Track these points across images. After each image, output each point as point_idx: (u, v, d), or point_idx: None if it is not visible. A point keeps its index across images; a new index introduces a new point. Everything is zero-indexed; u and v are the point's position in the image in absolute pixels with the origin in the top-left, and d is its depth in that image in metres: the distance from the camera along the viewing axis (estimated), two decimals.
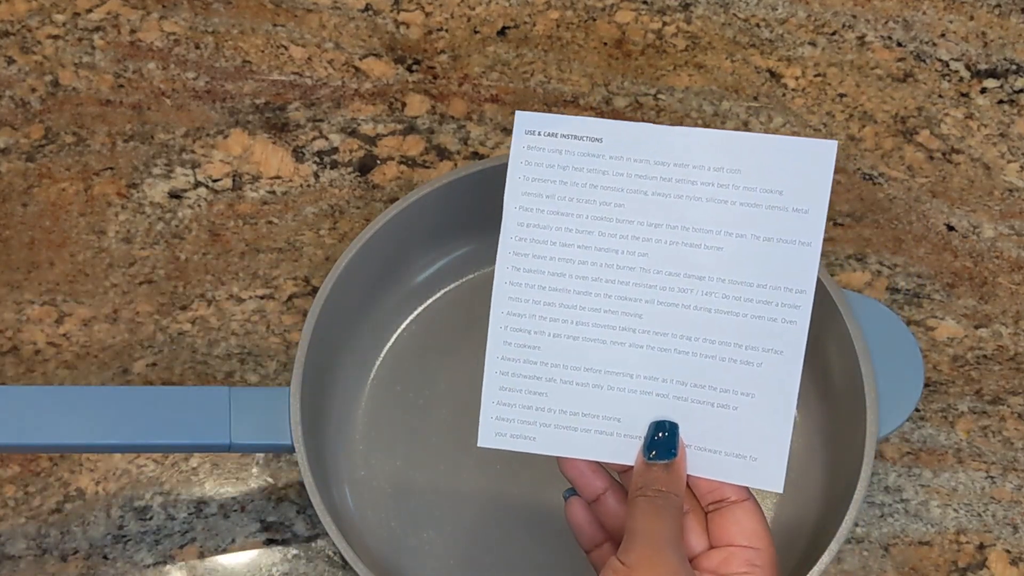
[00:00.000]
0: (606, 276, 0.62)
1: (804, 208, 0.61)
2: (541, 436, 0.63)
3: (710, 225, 0.61)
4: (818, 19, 0.97)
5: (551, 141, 0.63)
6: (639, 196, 0.62)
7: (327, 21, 0.96)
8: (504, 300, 0.63)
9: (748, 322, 0.61)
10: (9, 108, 0.92)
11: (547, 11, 0.97)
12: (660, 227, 0.62)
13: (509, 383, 0.63)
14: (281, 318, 0.86)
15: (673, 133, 0.62)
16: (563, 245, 0.62)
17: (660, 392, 0.62)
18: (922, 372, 0.77)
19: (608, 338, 0.62)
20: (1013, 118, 0.93)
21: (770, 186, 0.61)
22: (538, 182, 0.63)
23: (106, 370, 0.84)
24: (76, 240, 0.88)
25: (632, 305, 0.62)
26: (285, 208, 0.89)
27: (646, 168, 0.62)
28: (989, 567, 0.80)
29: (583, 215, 0.62)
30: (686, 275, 0.61)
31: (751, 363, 0.61)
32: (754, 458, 0.62)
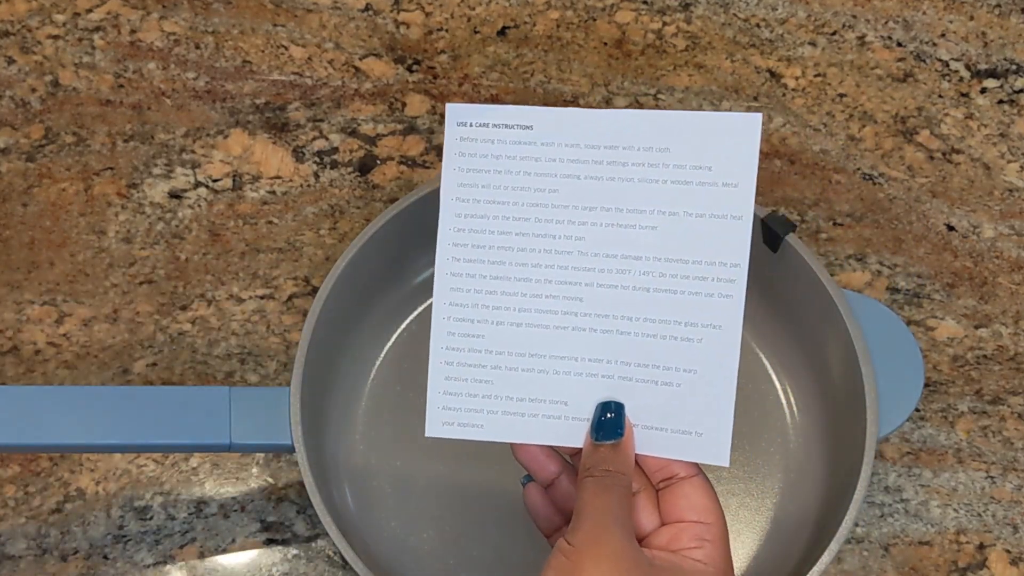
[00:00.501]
0: (545, 261, 0.62)
1: (733, 182, 0.61)
2: (489, 423, 0.63)
3: (643, 205, 0.62)
4: (818, 19, 0.97)
5: (483, 131, 0.63)
6: (573, 180, 0.62)
7: (327, 21, 0.96)
8: (446, 291, 0.63)
9: (686, 299, 0.62)
10: (9, 108, 0.92)
11: (547, 11, 0.97)
12: (595, 210, 0.62)
13: (454, 372, 0.63)
14: (281, 318, 0.86)
15: (602, 116, 0.62)
16: (501, 233, 0.63)
17: (605, 373, 0.62)
18: (922, 372, 0.77)
19: (551, 323, 0.63)
20: (1013, 118, 0.93)
21: (699, 162, 0.61)
22: (472, 172, 0.63)
23: (106, 370, 0.84)
24: (76, 240, 0.88)
25: (573, 289, 0.62)
26: (285, 208, 0.89)
27: (577, 152, 0.62)
28: (989, 567, 0.80)
29: (519, 202, 0.63)
30: (623, 256, 0.62)
31: (691, 339, 0.62)
32: (699, 433, 0.62)
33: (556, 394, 0.63)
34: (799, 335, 0.81)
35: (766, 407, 0.82)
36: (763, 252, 0.79)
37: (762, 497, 0.80)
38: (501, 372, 0.63)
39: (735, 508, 0.79)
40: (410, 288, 0.84)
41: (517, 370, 0.63)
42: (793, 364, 0.82)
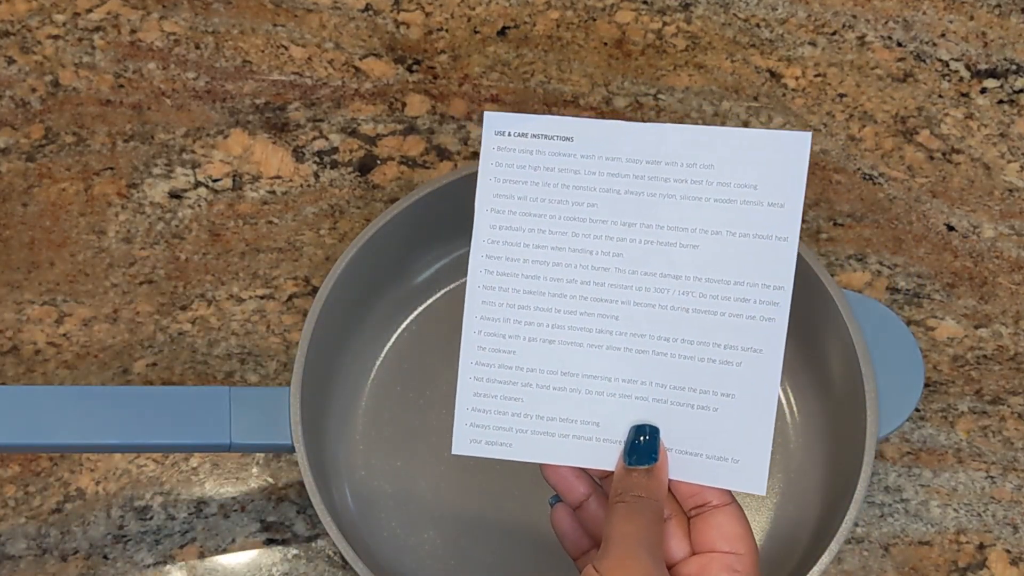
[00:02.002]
0: (581, 277, 0.61)
1: (780, 202, 0.60)
2: (518, 442, 0.62)
3: (685, 223, 0.60)
4: (818, 19, 0.97)
5: (522, 141, 0.62)
6: (612, 195, 0.61)
7: (327, 21, 0.96)
8: (477, 305, 0.62)
9: (726, 321, 0.60)
10: (9, 108, 0.92)
11: (547, 11, 0.97)
12: (634, 226, 0.61)
13: (484, 389, 0.62)
14: (281, 318, 0.86)
15: (644, 130, 0.61)
16: (536, 247, 0.61)
17: (639, 395, 0.61)
18: (922, 372, 0.77)
19: (585, 341, 0.61)
20: (1013, 118, 0.93)
21: (744, 181, 0.60)
22: (509, 183, 0.62)
23: (106, 370, 0.84)
24: (76, 240, 0.88)
25: (608, 307, 0.61)
26: (285, 208, 0.89)
27: (618, 166, 0.61)
28: (989, 567, 0.80)
29: (556, 216, 0.61)
30: (662, 274, 0.60)
31: (730, 363, 0.60)
32: (736, 460, 0.60)
33: (588, 415, 0.61)
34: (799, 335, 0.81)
35: None
36: None
37: (762, 497, 0.80)
38: (532, 390, 0.62)
39: None
40: (410, 288, 0.84)
41: (548, 388, 0.62)
42: (793, 364, 0.82)
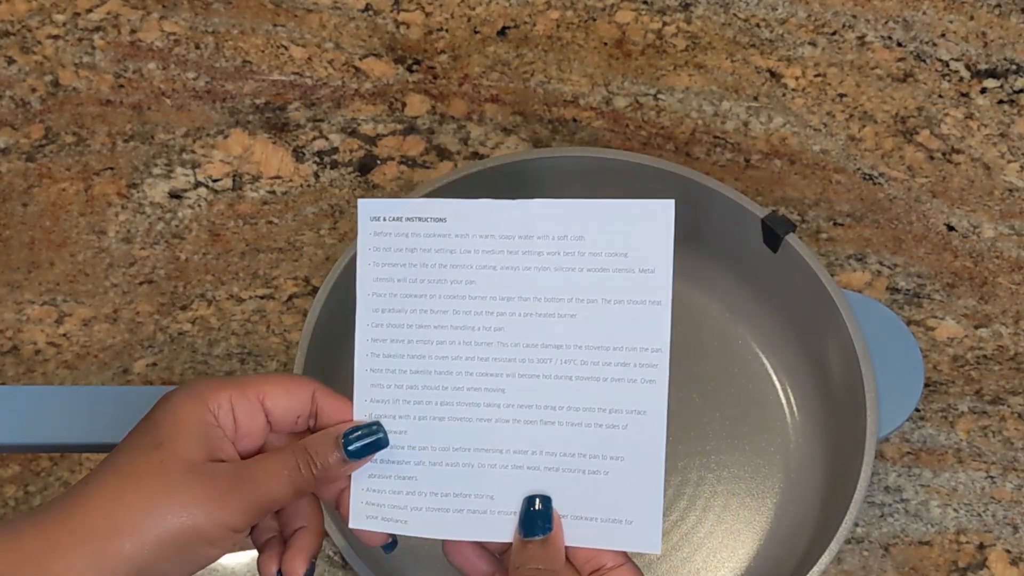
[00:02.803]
0: (465, 354, 0.62)
1: (650, 268, 0.61)
2: (413, 519, 0.62)
3: (561, 293, 0.61)
4: (818, 19, 0.97)
5: (397, 225, 0.62)
6: (488, 271, 0.62)
7: (327, 21, 0.96)
8: (366, 388, 0.62)
9: (609, 386, 0.61)
10: (9, 108, 0.92)
11: (547, 11, 0.97)
12: (513, 300, 0.62)
13: (377, 469, 0.62)
14: (281, 318, 0.86)
15: (513, 207, 0.62)
16: (420, 327, 0.62)
17: (531, 465, 0.62)
18: (922, 372, 0.77)
19: (474, 416, 0.62)
20: (1013, 118, 0.93)
21: (614, 249, 0.61)
22: (388, 266, 0.63)
23: (106, 370, 0.84)
24: (76, 240, 0.88)
25: (494, 380, 0.62)
26: (285, 208, 0.89)
27: (492, 243, 0.62)
28: (989, 567, 0.80)
29: (436, 295, 0.62)
30: (543, 345, 0.61)
31: (616, 426, 0.61)
32: (629, 521, 0.61)
33: (482, 488, 0.62)
34: (799, 335, 0.81)
35: (766, 407, 0.82)
36: (763, 252, 0.79)
37: (762, 497, 0.80)
38: (425, 468, 0.62)
39: (736, 508, 0.80)
40: None
41: (441, 465, 0.62)
42: (793, 364, 0.82)
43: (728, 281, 0.83)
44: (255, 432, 0.60)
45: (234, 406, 0.59)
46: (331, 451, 0.60)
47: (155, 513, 0.55)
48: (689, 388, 0.82)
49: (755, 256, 0.80)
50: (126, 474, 0.56)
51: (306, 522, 0.61)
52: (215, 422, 0.58)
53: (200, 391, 0.59)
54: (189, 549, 0.56)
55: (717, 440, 0.81)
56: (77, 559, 0.54)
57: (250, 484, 0.57)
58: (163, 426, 0.57)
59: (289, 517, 0.62)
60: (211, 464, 0.57)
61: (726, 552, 0.78)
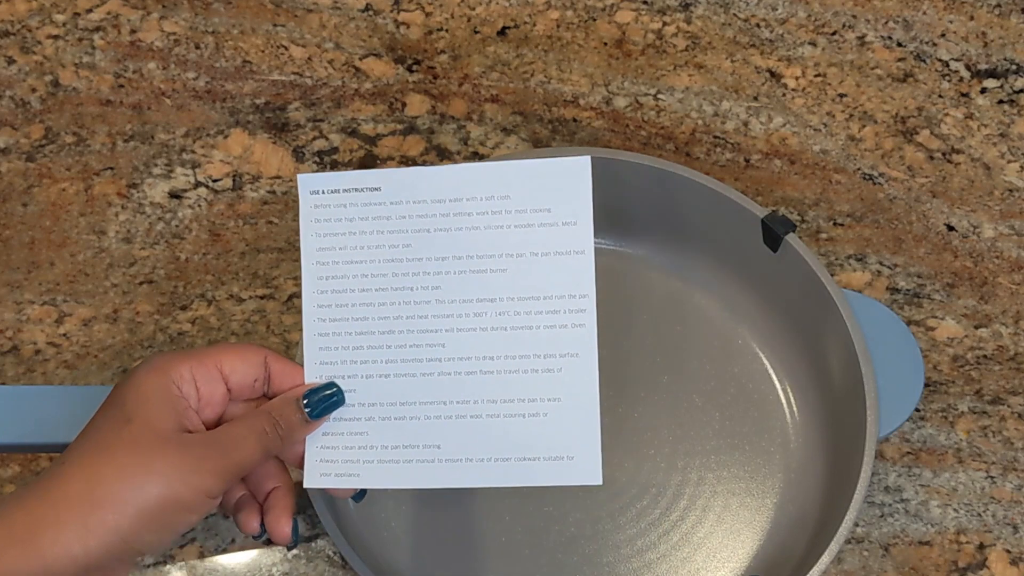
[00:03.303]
0: (406, 313, 0.65)
1: (572, 220, 0.64)
2: (365, 472, 0.66)
3: (492, 250, 0.65)
4: (818, 19, 0.97)
5: (335, 197, 0.66)
6: (423, 234, 0.65)
7: (327, 21, 0.96)
8: (315, 351, 0.66)
9: (542, 333, 0.65)
10: (9, 108, 0.92)
11: (547, 11, 0.97)
12: (447, 259, 0.65)
13: (330, 427, 0.66)
14: (281, 318, 0.86)
15: (443, 171, 0.66)
16: (362, 291, 0.66)
17: (473, 413, 0.65)
18: (922, 372, 0.77)
19: (417, 371, 0.65)
20: (1013, 118, 0.93)
21: (539, 205, 0.65)
22: (329, 236, 0.66)
23: (106, 370, 0.84)
24: (76, 240, 0.88)
25: (434, 336, 0.65)
26: (285, 208, 0.89)
27: (425, 208, 0.65)
28: (989, 567, 0.80)
29: (376, 260, 0.66)
30: (478, 299, 0.65)
31: (552, 370, 0.64)
32: (571, 457, 0.64)
33: (429, 438, 0.65)
34: (799, 335, 0.81)
35: (766, 407, 0.82)
36: (763, 252, 0.79)
37: (763, 496, 0.80)
38: (375, 423, 0.66)
39: (736, 508, 0.80)
40: None
41: (389, 419, 0.65)
42: (793, 364, 0.82)
43: (728, 281, 0.84)
44: (216, 400, 0.63)
45: (195, 376, 0.62)
46: (293, 412, 0.64)
47: (134, 484, 0.58)
48: (689, 388, 0.82)
49: (755, 256, 0.80)
50: (101, 450, 0.58)
51: (278, 482, 0.65)
52: (179, 393, 0.61)
53: (162, 365, 0.62)
54: (169, 517, 0.59)
55: (717, 440, 0.81)
56: (63, 533, 0.56)
57: (222, 450, 0.60)
58: (130, 401, 0.60)
59: (260, 479, 0.65)
60: (182, 435, 0.60)
61: (726, 552, 0.78)
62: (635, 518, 0.79)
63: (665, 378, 0.83)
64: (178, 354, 0.62)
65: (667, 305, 0.85)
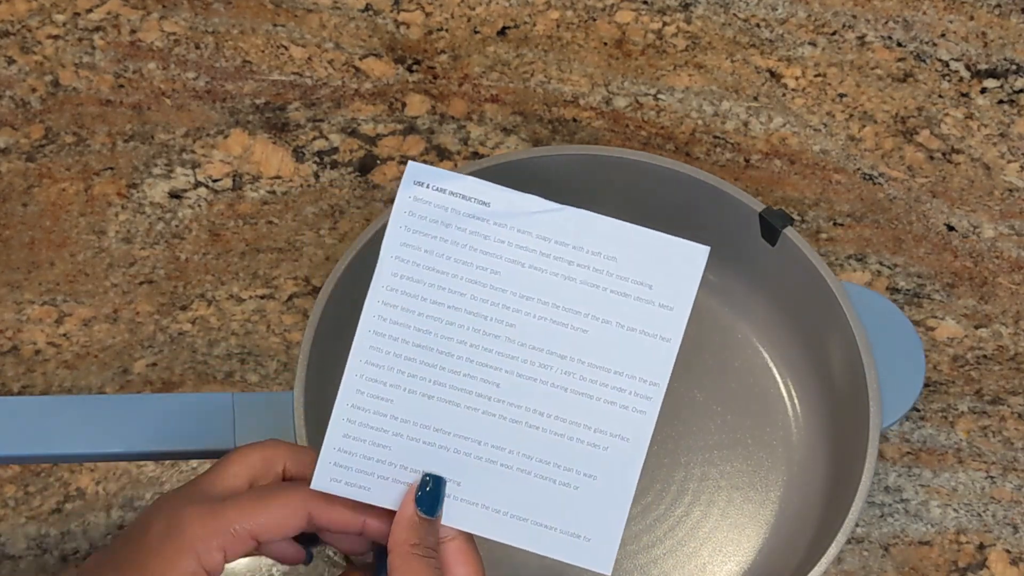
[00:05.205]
0: (471, 340, 0.62)
1: (670, 305, 0.62)
2: (376, 487, 0.62)
3: (580, 307, 0.62)
4: (818, 19, 0.97)
5: (439, 196, 0.62)
6: (516, 266, 0.62)
7: (327, 21, 0.96)
8: (365, 348, 0.62)
9: (600, 406, 0.62)
10: (9, 108, 0.92)
11: (547, 11, 0.97)
12: (532, 300, 0.62)
13: (355, 432, 0.62)
14: (281, 318, 0.86)
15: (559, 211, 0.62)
16: (433, 302, 0.62)
17: (505, 463, 0.62)
18: (923, 361, 0.77)
19: (463, 402, 0.62)
20: (1013, 118, 0.93)
21: (642, 279, 0.62)
22: (419, 235, 0.62)
23: (106, 370, 0.84)
24: (76, 240, 0.88)
25: (492, 373, 0.62)
26: (285, 208, 0.89)
27: (528, 240, 0.62)
28: (989, 567, 0.80)
29: (458, 275, 0.62)
30: (548, 351, 0.62)
31: (598, 446, 0.62)
32: (588, 539, 0.62)
33: (452, 473, 0.62)
34: (799, 328, 0.81)
35: (768, 401, 0.82)
36: (762, 247, 0.79)
37: (766, 491, 0.80)
38: (402, 440, 0.62)
39: (740, 502, 0.80)
40: None
41: (418, 442, 0.62)
42: (794, 357, 0.82)
43: (727, 276, 0.84)
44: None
45: (226, 550, 0.59)
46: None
47: None
48: (690, 383, 0.82)
49: (754, 251, 0.80)
50: None
51: None
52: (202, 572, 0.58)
53: (189, 541, 0.58)
54: None
55: (719, 435, 0.81)
56: None
57: None
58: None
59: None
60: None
61: (732, 546, 0.79)
62: (640, 514, 0.79)
63: None
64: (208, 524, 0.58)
65: None
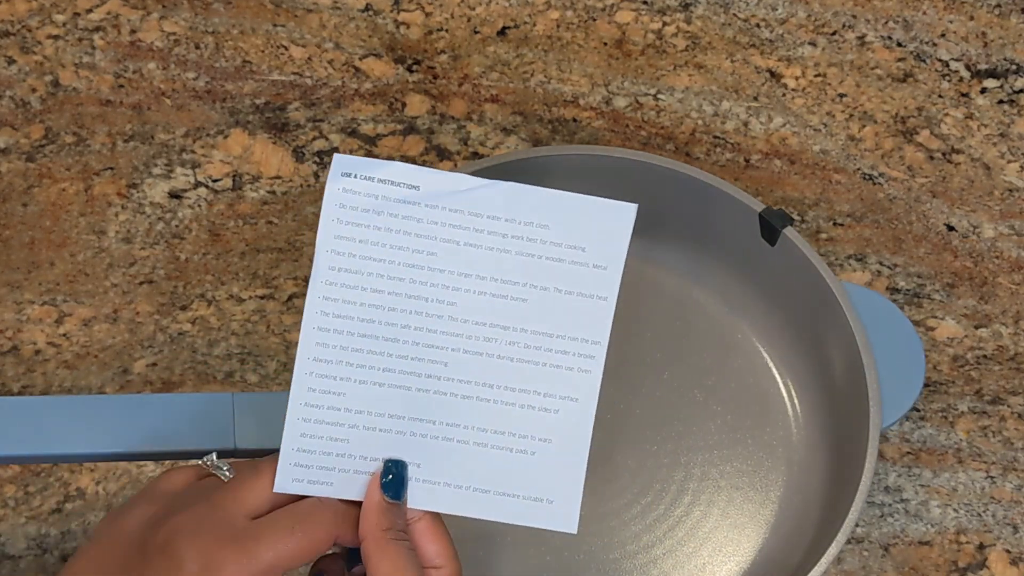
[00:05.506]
0: (415, 323, 0.62)
1: (603, 265, 0.63)
2: (339, 481, 0.62)
3: (517, 277, 0.63)
4: (818, 19, 0.97)
5: (367, 185, 0.62)
6: (452, 245, 0.63)
7: (327, 21, 0.96)
8: (311, 346, 0.62)
9: (547, 371, 0.63)
10: (9, 108, 0.92)
11: (547, 11, 0.97)
12: (470, 277, 0.63)
13: (311, 430, 0.62)
14: (281, 318, 0.86)
15: (488, 187, 0.63)
16: (374, 291, 0.62)
17: (461, 438, 0.63)
18: (923, 360, 0.77)
19: (413, 385, 0.63)
20: (1013, 118, 0.93)
21: (574, 242, 0.63)
22: (351, 225, 0.62)
23: (106, 370, 0.84)
24: (76, 240, 0.88)
25: (439, 353, 0.63)
26: (285, 208, 0.89)
27: (460, 218, 0.63)
28: (989, 567, 0.80)
29: (395, 261, 0.62)
30: (491, 325, 0.63)
31: (548, 410, 0.63)
32: (550, 500, 0.63)
33: (411, 456, 0.63)
34: (799, 328, 0.81)
35: (767, 401, 0.82)
36: (762, 247, 0.79)
37: (766, 490, 0.80)
38: (359, 431, 0.62)
39: (740, 501, 0.80)
40: None
41: (375, 430, 0.63)
42: (794, 356, 0.82)
43: (727, 276, 0.84)
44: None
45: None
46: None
47: None
48: (690, 383, 0.83)
49: (754, 251, 0.80)
50: None
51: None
52: None
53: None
54: None
55: (719, 434, 0.81)
56: None
57: None
58: None
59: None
60: None
61: (732, 546, 0.79)
62: (640, 514, 0.79)
63: (666, 374, 0.83)
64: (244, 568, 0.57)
65: (667, 301, 0.85)
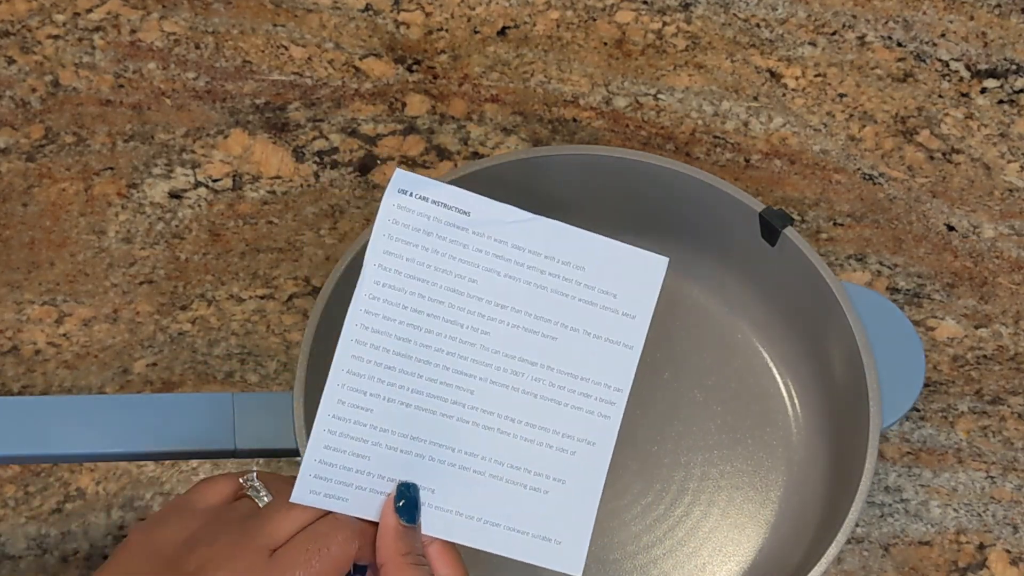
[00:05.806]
0: (448, 348, 0.63)
1: (632, 314, 0.64)
2: (354, 498, 0.62)
3: (550, 314, 0.64)
4: (818, 19, 0.97)
5: (421, 204, 0.63)
6: (492, 275, 0.64)
7: (327, 21, 0.96)
8: (347, 358, 0.62)
9: (568, 411, 0.64)
10: (9, 108, 0.92)
11: (547, 11, 0.97)
12: (506, 308, 0.63)
13: (335, 443, 0.62)
14: (281, 318, 0.86)
15: (533, 221, 0.64)
16: (414, 310, 0.63)
17: (478, 468, 0.63)
18: (923, 360, 0.77)
19: (439, 409, 0.63)
20: (1013, 118, 0.93)
21: (607, 288, 0.64)
22: (401, 243, 0.63)
23: (106, 370, 0.84)
24: (76, 240, 0.88)
25: (466, 380, 0.63)
26: (285, 208, 0.89)
27: (503, 249, 0.64)
28: (989, 567, 0.80)
29: (438, 284, 0.63)
30: (520, 359, 0.64)
31: (566, 450, 0.64)
32: (558, 541, 0.64)
33: (426, 480, 0.63)
34: (799, 328, 0.81)
35: (767, 401, 0.82)
36: (762, 247, 0.79)
37: (766, 490, 0.80)
38: (380, 450, 0.63)
39: (740, 502, 0.80)
40: None
41: (396, 450, 0.63)
42: (794, 357, 0.82)
43: (727, 276, 0.84)
44: None
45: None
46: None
47: None
48: (690, 383, 0.83)
49: (754, 251, 0.80)
50: None
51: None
52: None
53: None
54: None
55: (719, 434, 0.81)
56: None
57: None
58: None
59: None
60: None
61: (732, 546, 0.79)
62: (640, 514, 0.79)
63: (666, 374, 0.83)
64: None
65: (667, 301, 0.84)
